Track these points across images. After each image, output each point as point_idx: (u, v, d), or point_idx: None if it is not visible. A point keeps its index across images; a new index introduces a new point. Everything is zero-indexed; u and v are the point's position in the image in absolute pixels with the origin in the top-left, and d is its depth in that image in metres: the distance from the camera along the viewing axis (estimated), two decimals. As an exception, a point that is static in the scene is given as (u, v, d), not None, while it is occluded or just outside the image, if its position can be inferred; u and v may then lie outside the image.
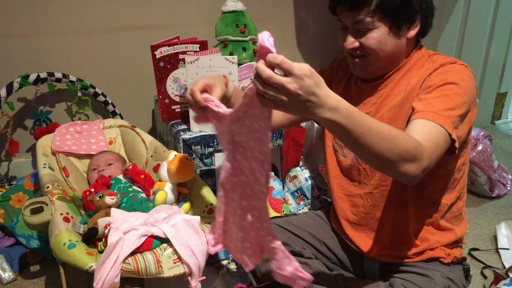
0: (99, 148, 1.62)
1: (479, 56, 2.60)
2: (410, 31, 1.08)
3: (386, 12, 1.04)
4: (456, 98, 0.98)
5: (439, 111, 0.96)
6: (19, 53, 1.89)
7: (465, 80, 1.01)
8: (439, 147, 0.93)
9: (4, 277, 1.52)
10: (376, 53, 1.08)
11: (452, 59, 1.08)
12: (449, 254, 1.14)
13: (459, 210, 1.17)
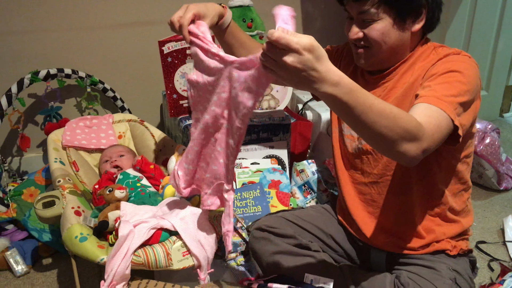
0: (109, 142, 1.65)
1: (487, 49, 2.59)
2: (415, 25, 1.07)
3: (391, 4, 1.04)
4: (459, 86, 0.98)
5: (442, 96, 0.96)
6: (29, 50, 1.91)
7: (469, 69, 1.01)
8: (441, 130, 0.92)
9: (17, 270, 1.55)
10: (379, 44, 1.08)
11: (457, 50, 1.07)
12: (455, 246, 1.15)
13: (464, 202, 1.17)
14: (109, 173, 1.46)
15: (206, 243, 1.15)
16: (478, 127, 2.02)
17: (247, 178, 1.73)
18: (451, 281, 1.09)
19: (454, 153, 1.10)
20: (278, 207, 1.69)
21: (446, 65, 1.03)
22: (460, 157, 1.11)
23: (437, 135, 0.92)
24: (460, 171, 1.13)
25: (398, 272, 1.13)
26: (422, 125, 0.89)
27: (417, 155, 0.89)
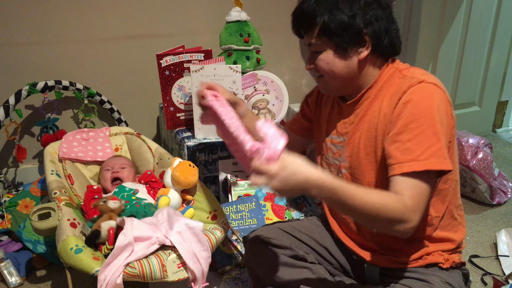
0: (106, 155, 1.65)
1: (479, 65, 2.63)
2: (361, 53, 1.09)
3: (329, 36, 1.07)
4: (430, 132, 0.99)
5: (418, 157, 0.98)
6: (27, 62, 1.93)
7: (433, 106, 1.01)
8: (425, 195, 0.98)
9: (11, 282, 1.54)
10: (327, 74, 1.12)
11: (420, 77, 1.06)
12: (448, 259, 1.16)
13: (453, 217, 1.18)
14: (89, 186, 1.48)
15: (201, 257, 1.15)
16: (471, 142, 2.05)
17: (243, 191, 1.74)
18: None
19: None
20: (273, 219, 1.70)
21: (410, 109, 1.02)
22: (442, 178, 1.12)
23: (423, 201, 0.98)
24: (443, 189, 1.13)
25: (392, 286, 1.14)
26: (406, 205, 0.95)
27: (408, 231, 0.97)
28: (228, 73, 1.62)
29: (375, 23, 1.07)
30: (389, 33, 1.10)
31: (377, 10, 1.07)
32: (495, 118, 2.87)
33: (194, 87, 1.63)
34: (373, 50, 1.09)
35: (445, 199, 1.14)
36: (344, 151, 1.20)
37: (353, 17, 1.05)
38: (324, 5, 1.06)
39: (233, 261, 1.57)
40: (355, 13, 1.05)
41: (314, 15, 1.07)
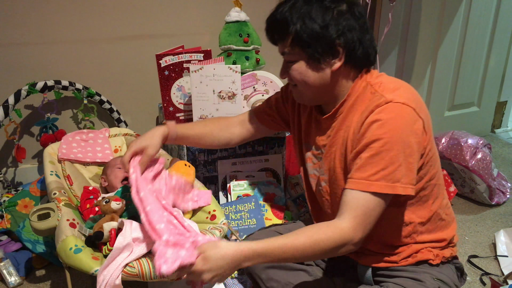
0: (105, 156, 1.65)
1: (478, 65, 2.63)
2: (334, 64, 1.07)
3: (301, 46, 1.06)
4: (387, 155, 0.99)
5: (370, 177, 1.00)
6: (26, 61, 1.93)
7: (396, 129, 1.00)
8: (371, 215, 1.01)
9: (10, 281, 1.55)
10: (300, 84, 1.12)
11: (388, 96, 1.04)
12: (438, 255, 1.16)
13: (441, 219, 1.17)
14: (85, 187, 1.48)
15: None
16: (470, 142, 2.05)
17: (242, 191, 1.74)
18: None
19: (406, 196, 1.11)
20: (272, 220, 1.70)
21: (375, 130, 1.01)
22: (422, 186, 1.11)
23: (368, 220, 1.01)
24: (424, 195, 1.13)
25: (385, 285, 1.14)
26: (343, 228, 0.99)
27: (353, 248, 1.01)
28: (227, 73, 1.62)
29: (348, 33, 1.05)
30: (362, 43, 1.08)
31: (350, 20, 1.05)
32: (494, 119, 2.87)
33: (194, 87, 1.63)
34: (346, 61, 1.08)
35: (427, 203, 1.14)
36: (322, 163, 1.21)
37: (326, 27, 1.03)
38: (297, 13, 1.05)
39: (232, 261, 1.57)
40: (327, 23, 1.04)
41: (287, 23, 1.06)
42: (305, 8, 1.04)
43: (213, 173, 1.74)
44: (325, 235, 0.99)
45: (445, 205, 1.19)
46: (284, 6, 1.07)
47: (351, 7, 1.06)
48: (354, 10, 1.07)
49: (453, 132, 2.15)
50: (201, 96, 1.65)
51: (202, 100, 1.65)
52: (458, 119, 2.72)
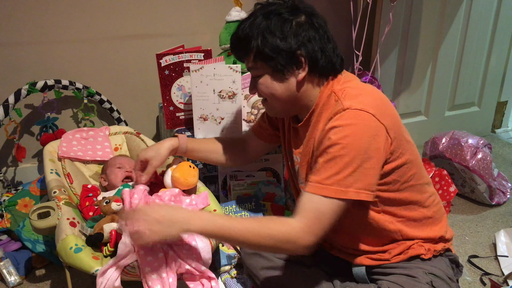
0: (105, 154, 1.65)
1: (479, 65, 2.63)
2: (298, 75, 1.10)
3: (263, 59, 1.09)
4: (340, 160, 1.00)
5: (323, 180, 1.01)
6: (27, 61, 1.92)
7: (351, 135, 1.01)
8: (322, 218, 1.00)
9: (10, 281, 1.54)
10: (269, 97, 1.15)
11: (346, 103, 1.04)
12: (429, 249, 1.16)
13: (423, 215, 1.17)
14: (83, 186, 1.48)
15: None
16: (470, 142, 2.05)
17: (242, 190, 1.74)
18: (427, 285, 1.10)
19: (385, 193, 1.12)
20: (272, 219, 1.70)
21: (331, 136, 1.03)
22: (397, 189, 1.12)
23: (320, 224, 1.00)
24: (400, 198, 1.13)
25: (379, 283, 1.15)
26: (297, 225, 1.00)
27: (300, 250, 1.00)
28: (227, 73, 1.62)
29: (308, 43, 1.08)
30: (325, 52, 1.10)
31: (309, 31, 1.08)
32: (494, 119, 2.87)
33: (194, 87, 1.63)
34: (310, 70, 1.10)
35: (410, 204, 1.14)
36: (299, 172, 1.23)
37: (285, 39, 1.06)
38: (257, 29, 1.08)
39: (233, 261, 1.57)
40: (286, 35, 1.06)
41: (248, 39, 1.09)
42: (264, 23, 1.08)
43: (213, 173, 1.74)
44: (275, 225, 1.01)
45: (429, 205, 1.19)
46: (245, 23, 1.11)
47: (309, 18, 1.10)
48: (313, 21, 1.10)
49: (453, 132, 2.14)
50: (201, 95, 1.65)
51: (203, 100, 1.65)
52: (459, 119, 2.71)
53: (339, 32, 2.34)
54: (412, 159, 1.12)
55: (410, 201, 1.15)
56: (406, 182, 1.12)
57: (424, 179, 1.18)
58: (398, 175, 1.10)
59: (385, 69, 2.35)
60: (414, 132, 2.56)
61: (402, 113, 2.52)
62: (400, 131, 1.09)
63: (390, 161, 1.07)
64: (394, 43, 2.33)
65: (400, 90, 2.49)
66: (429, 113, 2.62)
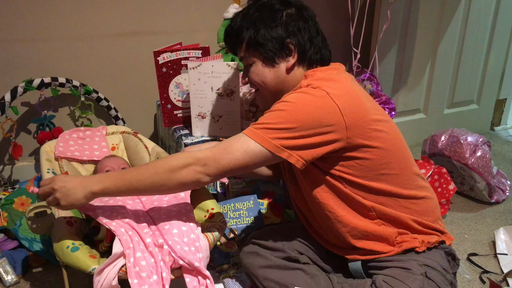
0: (102, 154, 1.64)
1: (478, 63, 2.62)
2: (288, 61, 1.16)
3: (254, 47, 1.16)
4: (278, 114, 1.04)
5: (254, 124, 1.05)
6: (23, 58, 1.91)
7: (300, 98, 1.05)
8: (233, 152, 1.02)
9: (7, 280, 1.54)
10: (260, 85, 1.20)
11: (304, 83, 1.11)
12: (423, 241, 1.16)
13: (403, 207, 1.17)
14: None
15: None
16: (470, 140, 2.04)
17: (241, 188, 1.73)
18: (422, 276, 1.10)
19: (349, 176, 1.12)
20: (271, 218, 1.69)
21: (284, 97, 1.08)
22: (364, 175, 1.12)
23: (224, 156, 1.02)
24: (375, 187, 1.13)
25: (374, 277, 1.15)
26: (200, 152, 1.03)
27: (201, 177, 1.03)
28: (225, 70, 1.61)
29: (298, 33, 1.16)
30: (314, 43, 1.17)
31: (299, 21, 1.16)
32: (493, 116, 2.86)
33: (192, 84, 1.62)
34: (299, 58, 1.16)
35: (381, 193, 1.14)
36: (290, 169, 1.27)
37: (275, 27, 1.14)
38: (249, 20, 1.16)
39: (231, 260, 1.56)
40: (277, 24, 1.14)
41: (241, 30, 1.17)
42: (256, 14, 1.16)
43: (212, 171, 1.73)
44: (174, 157, 1.04)
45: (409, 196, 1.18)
46: (238, 16, 1.20)
47: (299, 10, 1.17)
48: (303, 13, 1.17)
49: (452, 129, 2.14)
50: (199, 93, 1.64)
51: (200, 98, 1.64)
52: (458, 116, 2.71)
53: (337, 29, 2.33)
54: (385, 148, 1.12)
55: (385, 191, 1.14)
56: (377, 170, 1.12)
57: (400, 170, 1.16)
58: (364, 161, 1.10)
59: (383, 66, 2.34)
60: (413, 130, 2.56)
61: (401, 111, 2.51)
62: (367, 119, 1.08)
63: (351, 147, 1.07)
64: (392, 40, 2.33)
65: (399, 87, 2.48)
66: (428, 111, 2.61)
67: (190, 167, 1.02)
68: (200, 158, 1.02)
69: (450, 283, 1.14)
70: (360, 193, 1.14)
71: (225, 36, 1.25)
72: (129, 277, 1.03)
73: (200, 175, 1.03)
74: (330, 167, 1.11)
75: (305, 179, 1.18)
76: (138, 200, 1.25)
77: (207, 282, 1.06)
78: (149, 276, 1.04)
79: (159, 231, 1.12)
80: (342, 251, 1.24)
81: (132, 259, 1.06)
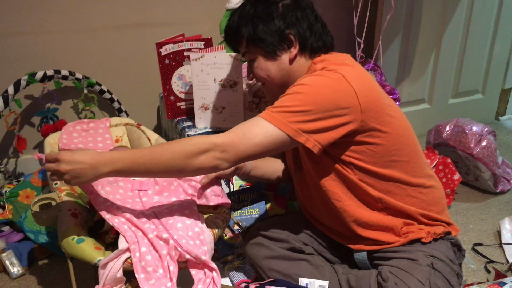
0: (106, 146, 1.64)
1: (483, 52, 2.60)
2: (290, 53, 1.16)
3: (254, 42, 1.16)
4: (294, 97, 1.03)
5: (271, 108, 1.04)
6: (26, 51, 1.91)
7: (317, 80, 1.04)
8: (251, 137, 1.00)
9: (13, 272, 1.55)
10: (265, 79, 1.20)
11: (318, 67, 1.11)
12: (429, 232, 1.16)
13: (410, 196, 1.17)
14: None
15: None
16: (475, 129, 2.03)
17: (245, 180, 1.73)
18: (428, 267, 1.10)
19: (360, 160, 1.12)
20: (275, 209, 1.69)
21: (299, 80, 1.07)
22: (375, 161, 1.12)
23: (242, 142, 1.00)
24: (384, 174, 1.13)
25: (380, 268, 1.15)
26: (218, 137, 1.00)
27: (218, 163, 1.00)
28: (228, 62, 1.60)
29: (297, 23, 1.15)
30: (313, 31, 1.16)
31: (296, 11, 1.15)
32: (498, 106, 2.84)
33: (195, 76, 1.61)
34: (301, 48, 1.16)
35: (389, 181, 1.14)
36: (298, 157, 1.27)
37: (272, 20, 1.14)
38: (246, 17, 1.16)
39: (235, 251, 1.57)
40: (273, 17, 1.14)
41: (239, 28, 1.17)
42: (252, 10, 1.16)
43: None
44: (189, 139, 1.01)
45: (417, 184, 1.18)
46: (235, 14, 1.20)
47: (295, 0, 1.17)
48: (299, 2, 1.17)
49: (457, 119, 2.12)
50: (202, 84, 1.63)
51: (203, 89, 1.64)
52: (462, 106, 2.69)
53: (340, 19, 2.31)
54: (396, 134, 1.12)
55: (394, 178, 1.14)
56: (387, 157, 1.12)
57: (409, 158, 1.16)
58: (374, 146, 1.10)
59: (387, 56, 2.33)
60: (417, 120, 2.54)
61: (405, 101, 2.50)
62: (379, 103, 1.08)
63: (363, 130, 1.07)
64: (396, 30, 2.30)
65: (403, 77, 2.46)
66: (433, 101, 2.60)
67: (209, 153, 0.99)
68: (218, 144, 0.99)
69: (456, 274, 1.14)
70: (369, 180, 1.13)
71: (225, 35, 1.25)
72: (136, 272, 1.04)
73: (218, 161, 1.00)
74: (341, 153, 1.10)
75: (314, 168, 1.17)
76: (138, 199, 1.24)
77: (213, 274, 1.06)
78: (155, 270, 1.04)
79: (163, 226, 1.12)
80: (347, 240, 1.24)
81: (138, 253, 1.06)
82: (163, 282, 1.03)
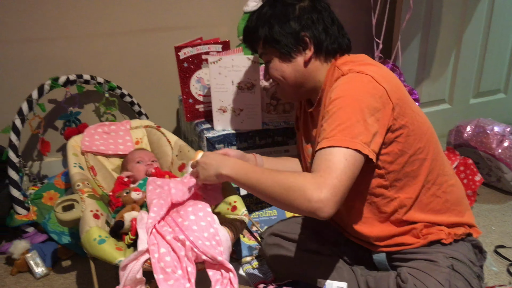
0: (126, 148, 1.67)
1: (505, 50, 2.55)
2: (305, 55, 1.16)
3: (270, 43, 1.17)
4: (342, 113, 1.00)
5: (328, 134, 1.00)
6: (49, 56, 1.96)
7: (352, 88, 1.03)
8: (334, 168, 0.95)
9: (37, 272, 1.58)
10: (280, 80, 1.20)
11: (345, 69, 1.09)
12: (450, 233, 1.14)
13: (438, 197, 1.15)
14: (119, 177, 1.49)
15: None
16: (496, 130, 2.00)
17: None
18: (448, 268, 1.08)
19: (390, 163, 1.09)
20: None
21: (332, 93, 1.06)
22: (404, 161, 1.10)
23: (330, 175, 0.94)
24: (411, 171, 1.11)
25: (399, 269, 1.13)
26: (310, 176, 0.96)
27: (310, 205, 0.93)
28: (246, 64, 1.61)
29: (312, 25, 1.15)
30: (329, 34, 1.16)
31: (312, 13, 1.15)
32: (521, 106, 2.79)
33: (213, 79, 1.63)
34: (316, 50, 1.16)
35: (416, 180, 1.12)
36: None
37: (288, 22, 1.15)
38: (263, 18, 1.18)
39: (254, 252, 1.57)
40: (289, 19, 1.15)
41: (257, 29, 1.19)
42: (270, 12, 1.17)
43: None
44: (292, 175, 1.00)
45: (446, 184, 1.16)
46: (253, 16, 1.21)
47: (313, 2, 1.17)
48: (316, 5, 1.17)
49: (478, 120, 2.09)
50: (220, 87, 1.64)
51: (221, 92, 1.65)
52: (484, 106, 2.64)
53: (358, 19, 2.30)
54: (421, 132, 1.11)
55: (419, 176, 1.12)
56: (414, 155, 1.10)
57: (436, 156, 1.15)
58: (403, 145, 1.08)
59: (406, 56, 2.30)
60: (437, 120, 2.51)
61: (425, 101, 2.47)
62: (406, 100, 1.08)
63: (394, 129, 1.05)
64: (415, 29, 2.28)
65: (422, 77, 2.44)
66: (453, 101, 2.56)
67: (304, 196, 0.94)
68: (311, 188, 0.94)
69: (477, 276, 1.12)
70: (398, 184, 1.12)
71: (243, 36, 1.27)
72: (155, 272, 1.05)
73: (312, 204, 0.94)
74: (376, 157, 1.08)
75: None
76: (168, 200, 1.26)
77: (230, 275, 1.07)
78: (174, 271, 1.06)
79: (179, 228, 1.14)
80: (366, 243, 1.23)
81: (157, 254, 1.07)
82: (181, 283, 1.05)
